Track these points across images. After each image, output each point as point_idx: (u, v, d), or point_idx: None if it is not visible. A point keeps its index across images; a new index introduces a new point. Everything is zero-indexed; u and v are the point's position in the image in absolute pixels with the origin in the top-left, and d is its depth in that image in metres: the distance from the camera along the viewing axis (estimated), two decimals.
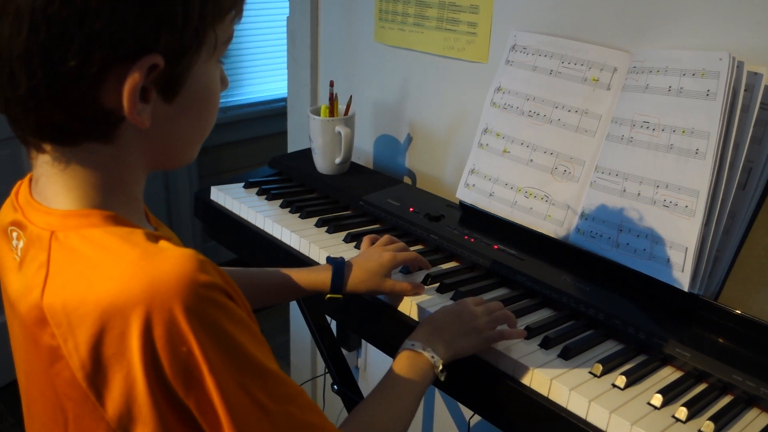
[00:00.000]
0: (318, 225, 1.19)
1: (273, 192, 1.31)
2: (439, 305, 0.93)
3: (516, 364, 0.82)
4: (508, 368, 0.83)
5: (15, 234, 0.60)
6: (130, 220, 0.59)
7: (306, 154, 1.49)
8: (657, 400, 0.76)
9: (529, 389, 0.80)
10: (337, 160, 1.38)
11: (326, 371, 1.86)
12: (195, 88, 0.58)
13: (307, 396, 0.60)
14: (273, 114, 3.07)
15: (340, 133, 1.36)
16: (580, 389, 0.77)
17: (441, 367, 0.79)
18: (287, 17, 1.74)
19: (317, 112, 1.39)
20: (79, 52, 0.50)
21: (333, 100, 1.39)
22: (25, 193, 0.61)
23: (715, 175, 0.89)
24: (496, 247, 1.08)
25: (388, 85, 1.51)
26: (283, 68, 2.98)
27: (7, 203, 0.64)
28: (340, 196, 1.31)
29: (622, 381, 0.79)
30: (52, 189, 0.58)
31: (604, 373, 0.81)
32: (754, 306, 0.90)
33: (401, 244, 1.02)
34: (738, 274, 0.92)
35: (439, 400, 1.65)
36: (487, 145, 1.18)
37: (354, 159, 1.45)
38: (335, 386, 1.49)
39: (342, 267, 0.94)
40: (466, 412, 1.57)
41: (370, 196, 1.27)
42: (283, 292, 0.96)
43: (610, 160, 1.02)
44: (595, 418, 0.75)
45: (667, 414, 0.75)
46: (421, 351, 0.79)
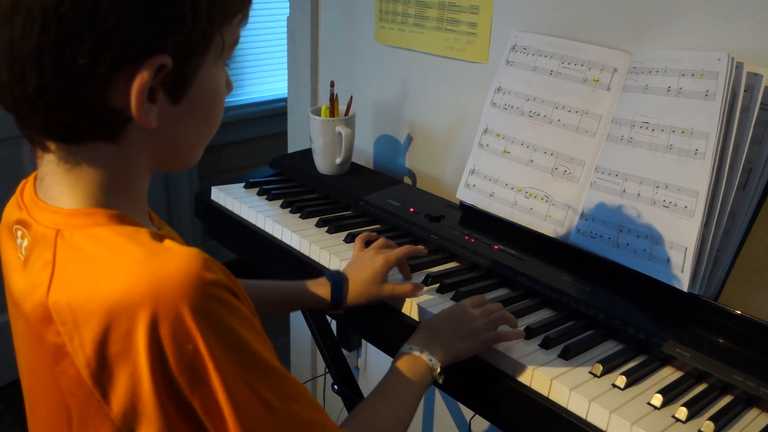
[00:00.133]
0: (318, 225, 1.19)
1: (273, 192, 1.32)
2: (440, 305, 0.94)
3: (516, 364, 0.82)
4: (509, 368, 0.83)
5: (20, 233, 0.60)
6: (134, 219, 0.59)
7: (306, 154, 1.49)
8: (657, 400, 0.76)
9: (530, 389, 0.81)
10: (338, 161, 1.38)
11: (326, 371, 1.86)
12: (201, 90, 0.58)
13: (309, 394, 0.60)
14: (273, 114, 3.07)
15: (340, 134, 1.36)
16: (581, 389, 0.78)
17: (439, 370, 0.80)
18: (287, 17, 1.74)
19: (318, 113, 1.40)
20: (90, 52, 0.50)
21: (333, 100, 1.40)
22: (30, 192, 0.62)
23: (714, 175, 0.89)
24: (496, 247, 1.08)
25: (389, 86, 1.51)
26: (283, 68, 2.98)
27: (12, 202, 0.64)
28: (340, 196, 1.32)
29: (622, 381, 0.79)
30: (57, 188, 0.58)
31: (604, 373, 0.81)
32: (754, 306, 0.90)
33: (392, 243, 1.02)
34: (738, 275, 0.92)
35: (439, 400, 1.65)
36: (488, 145, 1.18)
37: (354, 159, 1.45)
38: (335, 386, 1.49)
39: (341, 283, 0.94)
40: (467, 412, 1.57)
41: (370, 197, 1.27)
42: (280, 307, 0.97)
43: (610, 160, 1.02)
44: (595, 418, 0.75)
45: (667, 414, 0.75)
46: (419, 355, 0.80)
